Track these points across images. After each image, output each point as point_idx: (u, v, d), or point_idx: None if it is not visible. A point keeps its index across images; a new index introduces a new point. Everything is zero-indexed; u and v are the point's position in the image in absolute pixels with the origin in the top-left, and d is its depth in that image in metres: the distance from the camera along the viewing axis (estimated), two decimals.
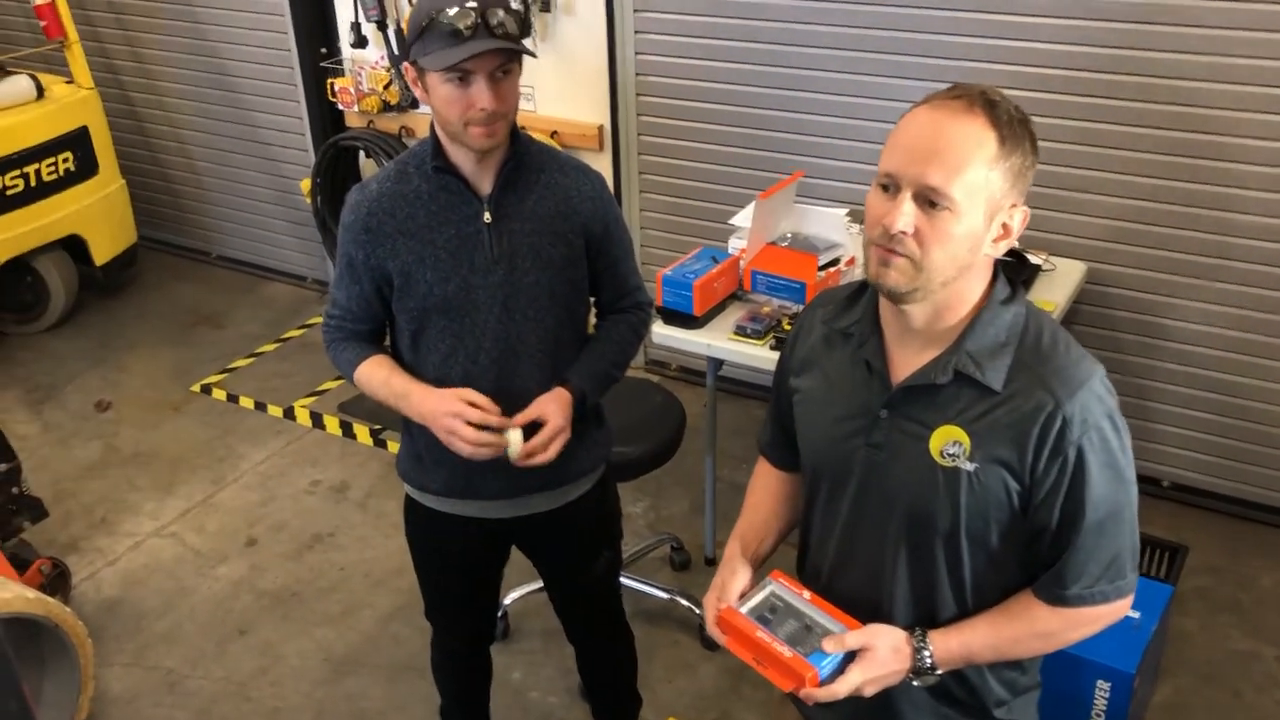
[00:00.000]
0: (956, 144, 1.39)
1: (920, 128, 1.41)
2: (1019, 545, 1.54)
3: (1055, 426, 1.44)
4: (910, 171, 1.40)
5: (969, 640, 1.55)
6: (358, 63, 4.62)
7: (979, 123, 1.39)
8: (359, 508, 3.87)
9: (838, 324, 1.64)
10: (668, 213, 4.24)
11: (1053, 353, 1.48)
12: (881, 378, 1.55)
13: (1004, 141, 1.40)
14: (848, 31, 3.61)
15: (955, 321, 1.50)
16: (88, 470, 4.11)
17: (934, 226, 1.40)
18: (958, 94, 1.42)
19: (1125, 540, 1.53)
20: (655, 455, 3.01)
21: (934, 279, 1.43)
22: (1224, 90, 3.16)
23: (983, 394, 1.48)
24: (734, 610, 1.60)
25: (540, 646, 3.25)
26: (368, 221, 2.06)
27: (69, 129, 4.82)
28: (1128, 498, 1.51)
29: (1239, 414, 3.53)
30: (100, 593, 3.52)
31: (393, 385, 2.11)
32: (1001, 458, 1.47)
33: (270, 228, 5.43)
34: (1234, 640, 3.18)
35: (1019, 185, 1.44)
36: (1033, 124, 1.45)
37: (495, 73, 1.91)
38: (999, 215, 1.44)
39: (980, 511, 1.50)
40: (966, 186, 1.39)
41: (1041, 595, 1.55)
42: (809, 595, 1.61)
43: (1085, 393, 1.45)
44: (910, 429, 1.52)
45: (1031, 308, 1.54)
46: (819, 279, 3.01)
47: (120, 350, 4.91)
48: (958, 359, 1.48)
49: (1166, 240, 3.41)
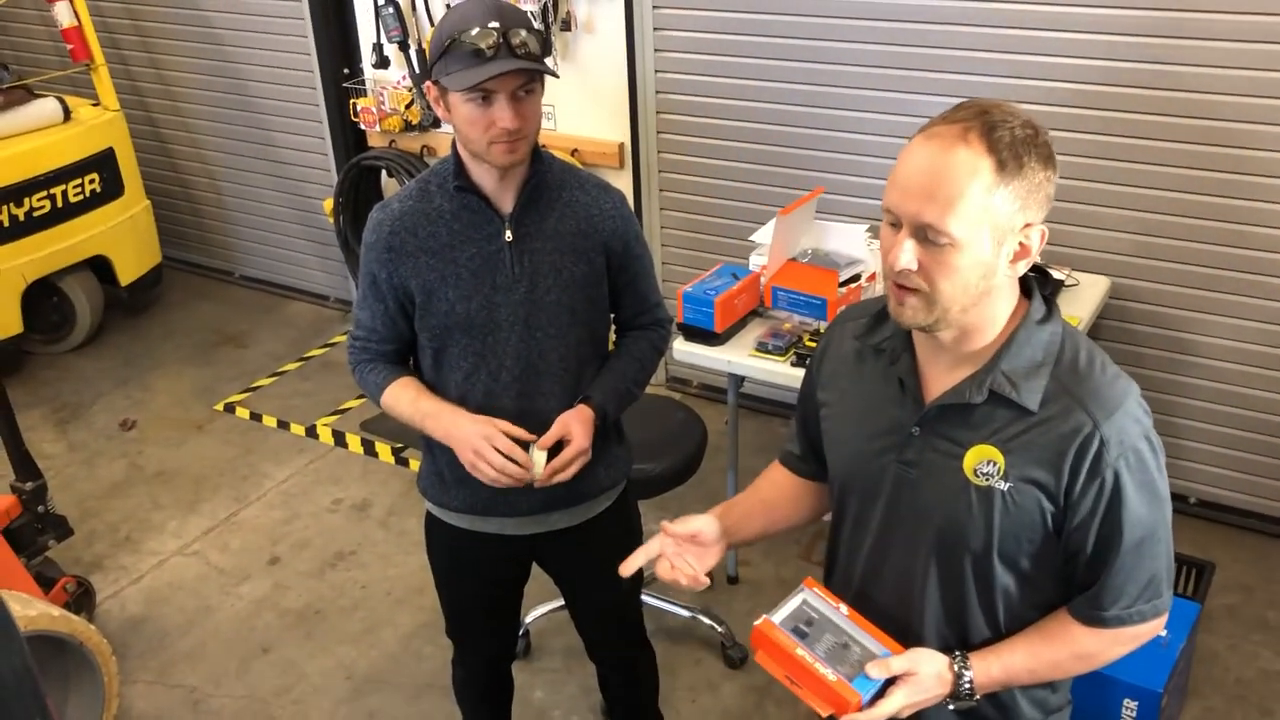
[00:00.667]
0: (948, 178, 1.36)
1: (915, 161, 1.39)
2: (1051, 565, 1.53)
3: (1093, 448, 1.43)
4: (907, 209, 1.39)
5: (1009, 664, 1.54)
6: (380, 83, 4.65)
7: (973, 150, 1.36)
8: (381, 526, 3.87)
9: (870, 340, 1.62)
10: (688, 230, 4.24)
11: (1089, 373, 1.47)
12: (914, 395, 1.54)
13: (1003, 166, 1.36)
14: (867, 48, 3.61)
15: (988, 341, 1.49)
16: (112, 489, 4.13)
17: (938, 261, 1.39)
18: (955, 118, 1.39)
19: (1162, 559, 1.52)
20: (677, 472, 3.01)
21: (950, 309, 1.42)
22: (1249, 104, 3.14)
23: (1018, 414, 1.46)
24: (772, 623, 1.55)
25: (562, 665, 3.24)
26: (390, 240, 2.07)
27: (95, 151, 4.87)
28: (1164, 517, 1.50)
29: (1265, 429, 3.50)
30: (124, 611, 3.53)
31: (421, 405, 2.12)
32: (1036, 478, 1.46)
33: (293, 247, 5.46)
34: (1264, 659, 3.14)
35: (1031, 205, 1.40)
36: (1046, 138, 1.41)
37: (517, 92, 1.92)
38: (1011, 238, 1.41)
39: (1013, 531, 1.49)
40: (964, 219, 1.36)
41: (1078, 616, 1.54)
42: (846, 610, 1.57)
43: (1122, 414, 1.44)
44: (943, 447, 1.51)
45: (1068, 327, 1.52)
46: (840, 295, 3.00)
47: (145, 369, 4.95)
48: (993, 378, 1.47)
49: (1191, 255, 3.39)
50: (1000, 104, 1.41)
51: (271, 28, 4.93)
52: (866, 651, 1.52)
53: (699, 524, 1.69)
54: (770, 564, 3.57)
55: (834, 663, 1.50)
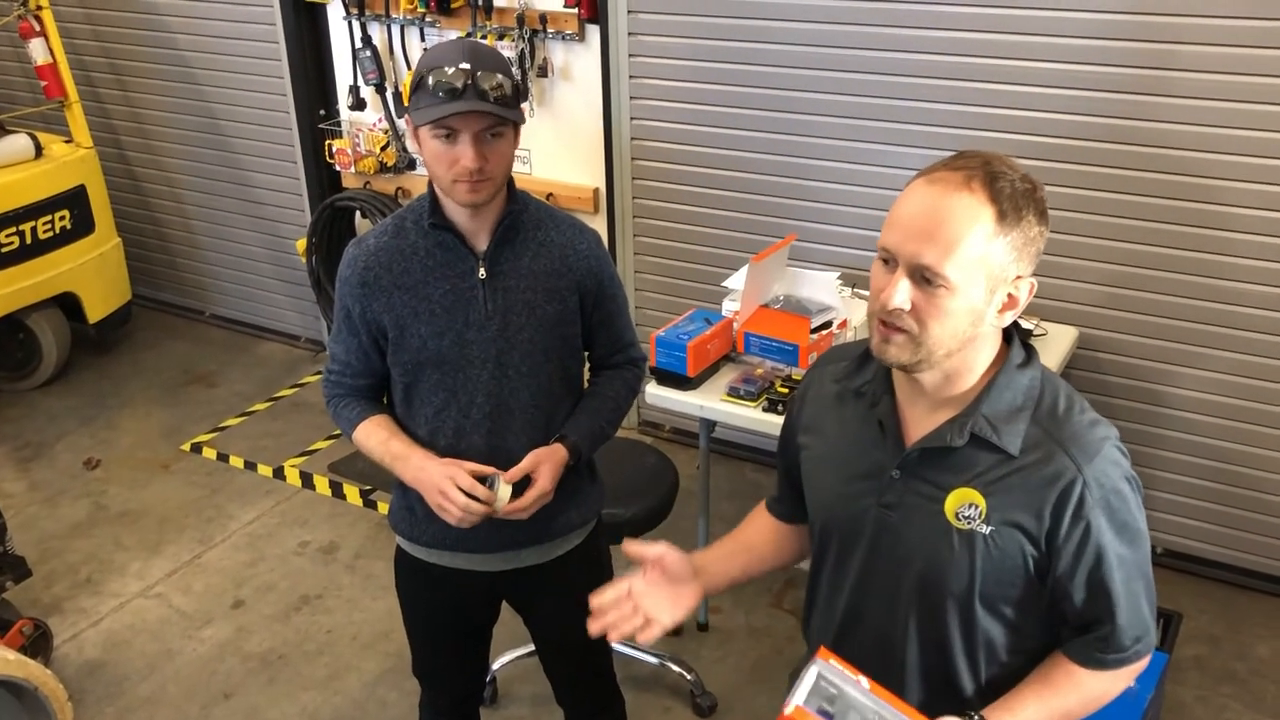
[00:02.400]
0: (950, 222, 1.37)
1: (916, 204, 1.40)
2: (1034, 609, 1.54)
3: (1076, 492, 1.44)
4: (905, 249, 1.39)
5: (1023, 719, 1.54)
6: (355, 124, 4.66)
7: (977, 198, 1.38)
8: (348, 569, 3.83)
9: (850, 383, 1.63)
10: (662, 274, 4.26)
11: (1069, 417, 1.48)
12: (895, 438, 1.55)
13: (1003, 216, 1.38)
14: (843, 99, 3.65)
15: (968, 386, 1.50)
16: (74, 529, 4.07)
17: (931, 303, 1.40)
18: (958, 165, 1.41)
19: (1147, 594, 1.55)
20: (648, 517, 2.99)
21: (935, 352, 1.43)
22: (1219, 160, 3.20)
23: (1000, 458, 1.47)
24: (804, 710, 1.42)
25: (529, 713, 3.20)
26: (364, 275, 2.08)
27: (66, 188, 4.84)
28: (1145, 553, 1.53)
29: (1233, 480, 3.53)
30: (83, 654, 3.46)
31: (391, 447, 2.12)
32: (1018, 522, 1.46)
33: (265, 287, 5.43)
34: (1231, 711, 3.14)
35: (1024, 257, 1.42)
36: (1042, 193, 1.43)
37: (484, 134, 1.94)
38: (1002, 288, 1.43)
39: (995, 575, 1.49)
40: (962, 264, 1.38)
41: (1080, 660, 1.55)
42: (868, 683, 1.47)
43: (1102, 458, 1.45)
44: (925, 490, 1.51)
45: (1046, 372, 1.54)
46: (811, 341, 3.01)
47: (111, 408, 4.89)
48: (974, 422, 1.47)
49: (1160, 307, 3.43)
50: (1000, 156, 1.43)
51: (248, 68, 4.93)
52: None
53: (663, 548, 1.66)
54: (741, 611, 3.54)
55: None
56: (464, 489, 2.02)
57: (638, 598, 1.65)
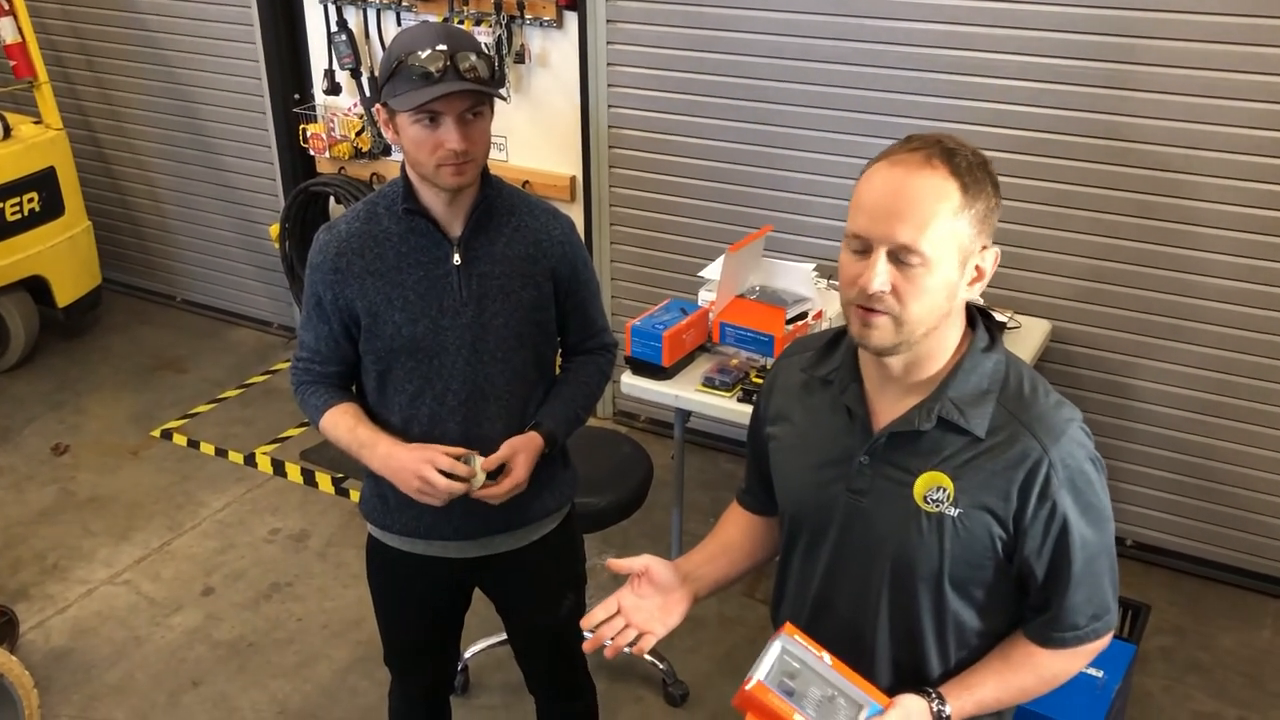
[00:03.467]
0: (920, 199, 1.40)
1: (883, 186, 1.42)
2: (1002, 592, 1.55)
3: (1042, 473, 1.46)
4: (879, 231, 1.41)
5: (981, 698, 1.56)
6: (330, 109, 4.63)
7: (939, 174, 1.41)
8: (319, 557, 3.80)
9: (817, 371, 1.64)
10: (638, 264, 4.25)
11: (1034, 399, 1.50)
12: (863, 424, 1.56)
13: (966, 189, 1.41)
14: (820, 90, 3.65)
15: (935, 370, 1.51)
16: (41, 515, 4.02)
17: (910, 282, 1.41)
18: (915, 146, 1.44)
19: (1110, 574, 1.56)
20: (622, 506, 2.99)
21: (916, 331, 1.45)
22: (1192, 155, 3.22)
23: (967, 440, 1.49)
24: (765, 686, 1.47)
25: (500, 702, 3.19)
26: (336, 262, 2.06)
27: (35, 169, 4.78)
28: (1109, 534, 1.54)
29: (1202, 474, 3.56)
30: (49, 641, 3.42)
31: (358, 434, 2.10)
32: (986, 504, 1.48)
33: (237, 272, 5.39)
34: (1196, 700, 3.18)
35: (986, 228, 1.46)
36: (991, 164, 1.47)
37: (465, 114, 1.93)
38: (971, 260, 1.45)
39: (964, 557, 1.51)
40: (935, 239, 1.40)
41: (1038, 640, 1.57)
42: (829, 659, 1.52)
43: (1068, 439, 1.47)
44: (893, 475, 1.53)
45: (1010, 355, 1.55)
46: (787, 332, 3.02)
47: (80, 393, 4.84)
48: (941, 405, 1.49)
49: (1132, 301, 3.46)
50: (948, 135, 1.47)
51: (222, 50, 4.88)
52: (852, 703, 1.49)
53: (647, 560, 1.67)
54: (714, 601, 3.54)
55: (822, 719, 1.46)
56: (443, 470, 2.01)
57: (628, 613, 1.66)
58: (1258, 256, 3.25)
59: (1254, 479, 3.49)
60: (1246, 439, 3.46)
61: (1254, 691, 3.21)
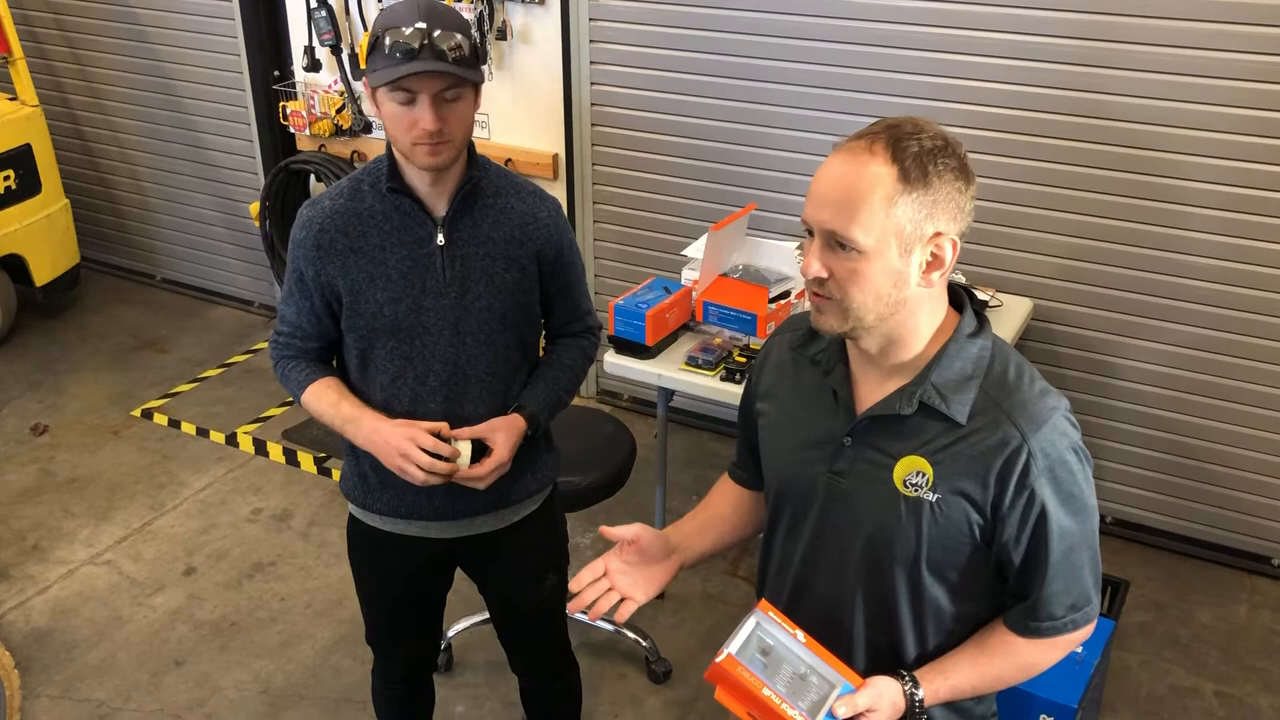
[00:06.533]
0: (851, 187, 1.41)
1: (824, 173, 1.45)
2: (980, 578, 1.55)
3: (1021, 461, 1.45)
4: (815, 218, 1.44)
5: (956, 683, 1.56)
6: (310, 86, 4.58)
7: (876, 161, 1.40)
8: (301, 537, 3.80)
9: (806, 351, 1.64)
10: (621, 243, 4.24)
11: (1018, 386, 1.49)
12: (847, 406, 1.56)
13: (905, 176, 1.40)
14: (802, 68, 3.64)
15: (917, 353, 1.51)
16: (21, 495, 4.00)
17: (845, 268, 1.43)
18: (865, 133, 1.44)
19: (1091, 566, 1.55)
20: (605, 485, 2.99)
21: (864, 317, 1.45)
22: (1173, 134, 3.23)
23: (947, 426, 1.48)
24: (735, 660, 1.48)
25: (484, 680, 3.20)
26: (319, 238, 2.04)
27: (11, 146, 4.72)
28: (1092, 526, 1.54)
29: (1181, 451, 3.59)
30: (30, 622, 3.41)
31: (342, 409, 2.09)
32: (964, 490, 1.48)
33: (217, 251, 5.35)
34: (1175, 676, 3.21)
35: (940, 215, 1.42)
36: (959, 151, 1.44)
37: (443, 94, 1.91)
38: (919, 247, 1.43)
39: (941, 542, 1.51)
40: (866, 227, 1.40)
41: (1016, 629, 1.57)
42: (803, 637, 1.53)
43: (1050, 427, 1.47)
44: (874, 458, 1.53)
45: (998, 341, 1.54)
46: (770, 311, 3.02)
47: (59, 373, 4.81)
48: (923, 390, 1.49)
49: (1113, 279, 3.47)
50: (915, 119, 1.45)
51: (200, 26, 4.83)
52: (825, 681, 1.50)
53: (638, 528, 1.67)
54: (697, 578, 3.56)
55: (794, 697, 1.47)
56: (427, 449, 2.01)
57: (613, 576, 1.67)
58: (1240, 236, 3.26)
59: (1232, 456, 3.52)
60: (1226, 417, 3.48)
61: (1231, 666, 3.24)
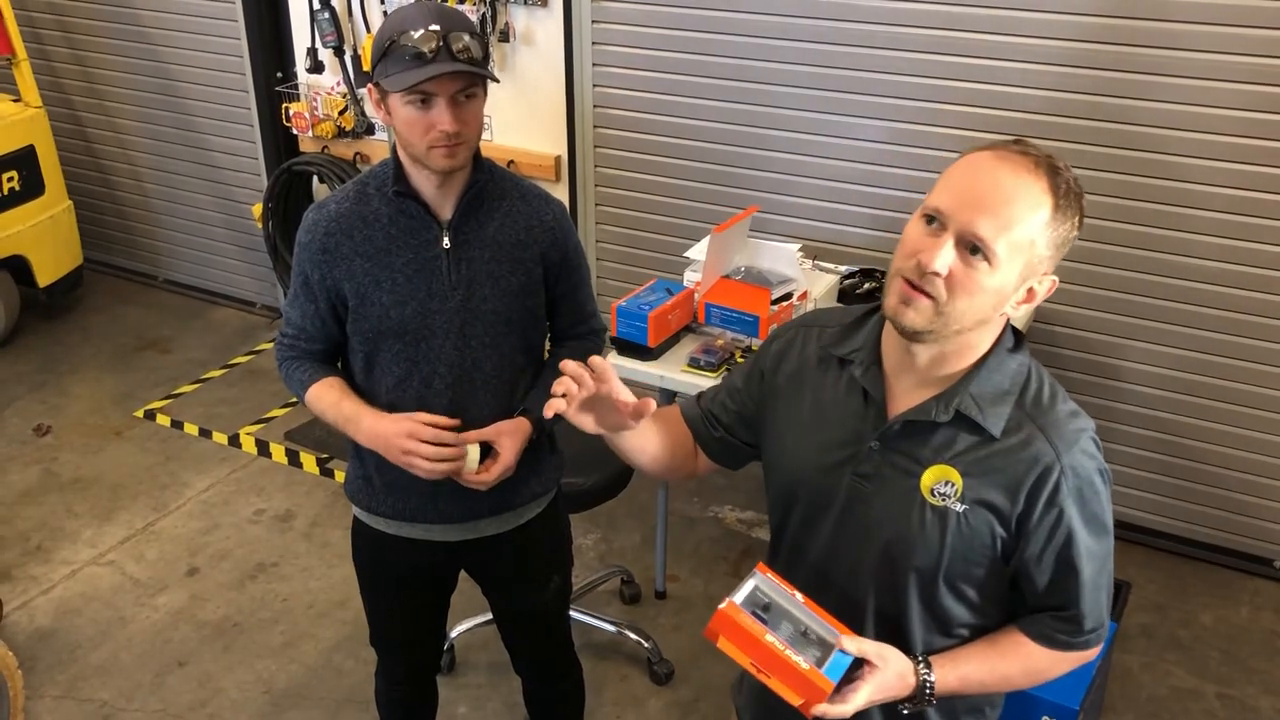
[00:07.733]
0: (1013, 200, 1.37)
1: (980, 173, 1.40)
2: (995, 591, 1.55)
3: (1053, 478, 1.45)
4: (960, 215, 1.38)
5: (965, 675, 1.56)
6: (313, 88, 4.59)
7: (1041, 185, 1.38)
8: (304, 537, 3.80)
9: (837, 349, 1.60)
10: (623, 244, 4.24)
11: (1051, 406, 1.49)
12: (878, 408, 1.53)
13: (1058, 209, 1.39)
14: (806, 69, 3.65)
15: (958, 369, 1.49)
16: (24, 496, 4.00)
17: (968, 274, 1.39)
18: (1024, 150, 1.41)
19: (1108, 589, 1.57)
20: (607, 487, 3.00)
21: (951, 325, 1.42)
22: (1175, 136, 3.23)
23: (980, 438, 1.48)
24: (738, 607, 1.48)
25: (486, 681, 3.21)
26: (325, 242, 2.05)
27: (15, 148, 4.73)
28: (1110, 549, 1.55)
29: (1183, 453, 3.59)
30: (33, 622, 3.42)
31: (343, 409, 2.10)
32: (992, 502, 1.47)
33: (220, 252, 5.36)
34: (1176, 677, 3.21)
35: (1057, 255, 1.44)
36: (1084, 198, 1.45)
37: (457, 96, 1.91)
38: (1032, 279, 1.43)
39: (963, 553, 1.50)
40: (1011, 244, 1.38)
41: (1034, 634, 1.57)
42: (801, 597, 1.52)
43: (1079, 449, 1.47)
44: (901, 464, 1.51)
45: (1034, 360, 1.54)
46: (772, 313, 3.02)
47: (62, 374, 4.81)
48: (961, 400, 1.47)
49: (1115, 281, 3.47)
50: (1056, 156, 1.44)
51: (203, 28, 4.84)
52: (823, 639, 1.48)
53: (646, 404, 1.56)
54: (699, 580, 3.57)
55: (797, 649, 1.45)
56: (430, 440, 2.01)
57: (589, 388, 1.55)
58: (1241, 238, 3.27)
59: (1234, 458, 3.52)
60: (1227, 419, 3.49)
61: (1232, 668, 3.25)
